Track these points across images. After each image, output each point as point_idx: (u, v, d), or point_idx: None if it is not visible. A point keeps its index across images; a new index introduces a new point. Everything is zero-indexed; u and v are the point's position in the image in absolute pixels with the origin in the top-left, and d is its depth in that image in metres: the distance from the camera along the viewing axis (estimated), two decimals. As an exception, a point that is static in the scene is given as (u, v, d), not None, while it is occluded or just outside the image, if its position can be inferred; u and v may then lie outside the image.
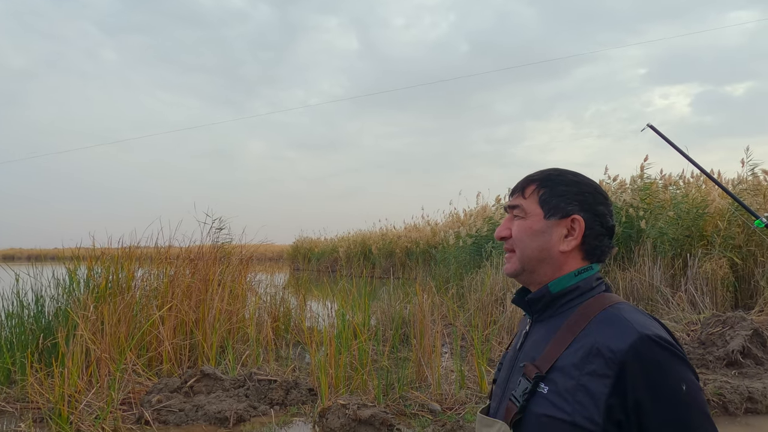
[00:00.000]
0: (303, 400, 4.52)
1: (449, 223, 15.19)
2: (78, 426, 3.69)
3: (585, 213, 1.03)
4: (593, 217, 1.03)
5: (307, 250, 27.57)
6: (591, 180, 1.09)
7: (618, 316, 0.94)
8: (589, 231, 1.03)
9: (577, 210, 1.03)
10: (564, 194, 1.04)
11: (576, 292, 1.02)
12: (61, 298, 5.42)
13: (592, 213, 1.03)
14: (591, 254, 1.04)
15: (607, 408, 0.88)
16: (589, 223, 1.03)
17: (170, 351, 5.04)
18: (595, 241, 1.04)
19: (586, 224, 1.03)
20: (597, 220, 1.04)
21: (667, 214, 8.35)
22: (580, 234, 1.02)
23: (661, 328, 0.94)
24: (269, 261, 24.56)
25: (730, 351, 4.92)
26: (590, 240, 1.04)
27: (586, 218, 1.03)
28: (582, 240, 1.03)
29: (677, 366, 0.89)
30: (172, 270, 5.72)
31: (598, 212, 1.04)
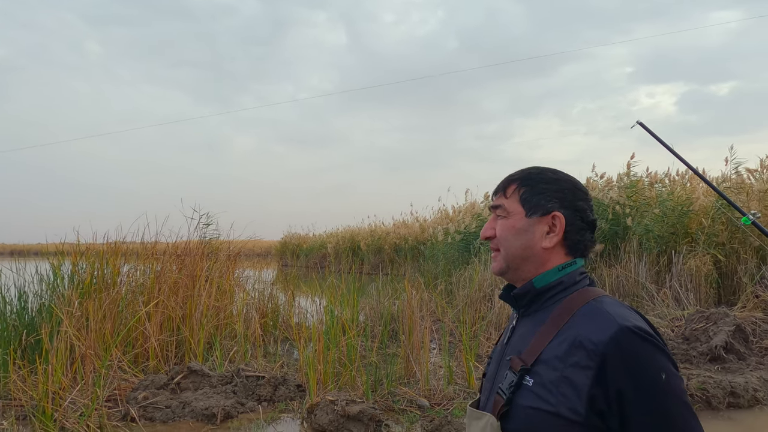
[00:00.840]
0: (291, 397, 4.50)
1: (438, 220, 15.22)
2: (62, 423, 3.64)
3: (565, 209, 1.05)
4: (573, 213, 1.06)
5: (295, 246, 27.46)
6: (570, 177, 1.11)
7: (600, 309, 0.96)
8: (570, 227, 1.05)
9: (558, 207, 1.05)
10: (544, 192, 1.07)
11: (560, 287, 1.03)
12: (44, 294, 5.34)
13: (572, 209, 1.06)
14: (573, 249, 1.07)
15: (589, 398, 0.89)
16: (570, 219, 1.05)
17: (157, 347, 4.99)
18: (577, 236, 1.06)
19: (567, 220, 1.05)
20: (577, 216, 1.06)
21: (653, 211, 8.45)
22: (561, 230, 1.05)
23: (642, 320, 0.96)
24: (257, 257, 24.43)
25: (713, 346, 5.00)
26: (572, 235, 1.06)
27: (567, 214, 1.05)
28: (563, 236, 1.05)
29: (657, 356, 0.91)
30: (158, 266, 5.66)
31: (578, 208, 1.06)
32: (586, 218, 1.07)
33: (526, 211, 1.06)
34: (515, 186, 1.09)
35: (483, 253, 8.93)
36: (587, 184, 9.72)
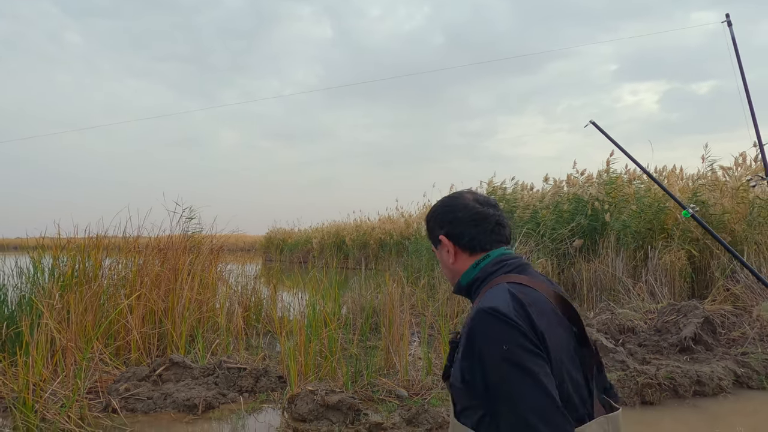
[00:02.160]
0: (272, 388, 4.57)
1: (422, 215, 15.34)
2: (43, 414, 3.67)
3: (443, 229, 1.27)
4: (451, 227, 1.25)
5: (280, 240, 27.42)
6: (446, 198, 1.31)
7: (484, 295, 1.13)
8: (456, 238, 1.25)
9: (440, 231, 1.27)
10: (431, 226, 1.32)
11: (479, 280, 1.22)
12: (24, 287, 5.32)
13: (449, 225, 1.25)
14: (472, 248, 1.24)
15: (461, 370, 1.09)
16: (451, 234, 1.25)
17: (139, 340, 5.01)
18: (466, 239, 1.24)
19: (449, 236, 1.25)
20: (457, 228, 1.24)
21: (630, 207, 8.65)
22: (451, 246, 1.25)
23: (505, 302, 1.06)
24: (242, 251, 24.33)
25: (682, 338, 5.18)
26: (462, 242, 1.24)
27: (446, 232, 1.26)
28: (457, 246, 1.25)
29: (501, 330, 1.03)
30: (140, 259, 5.67)
31: (454, 221, 1.25)
32: (465, 222, 1.24)
33: (434, 246, 1.33)
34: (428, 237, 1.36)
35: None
36: (568, 180, 9.90)
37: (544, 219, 9.23)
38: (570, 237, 8.94)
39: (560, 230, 8.99)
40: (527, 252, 8.30)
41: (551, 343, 1.05)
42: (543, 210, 9.49)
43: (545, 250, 8.73)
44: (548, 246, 8.87)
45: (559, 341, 1.08)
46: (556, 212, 9.39)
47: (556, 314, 1.12)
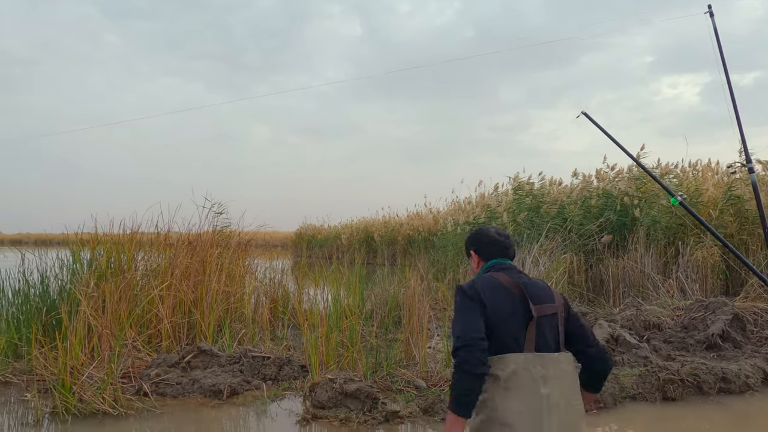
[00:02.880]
0: (295, 376, 4.72)
1: (451, 211, 15.30)
2: (80, 396, 3.90)
3: (474, 247, 2.06)
4: (478, 246, 2.05)
5: (310, 237, 27.79)
6: (478, 228, 2.13)
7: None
8: (479, 252, 2.04)
9: (471, 248, 2.08)
10: (468, 244, 2.12)
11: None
12: (64, 277, 5.63)
13: (477, 245, 2.05)
14: (486, 258, 2.01)
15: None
16: (477, 250, 2.05)
17: (169, 329, 5.25)
18: (485, 253, 2.01)
19: (476, 251, 2.05)
20: (481, 247, 2.03)
21: (661, 202, 8.45)
22: (475, 257, 2.05)
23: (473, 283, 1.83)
24: (273, 247, 24.79)
25: (709, 335, 5.07)
26: (482, 254, 2.02)
27: (475, 249, 2.06)
28: (479, 257, 2.03)
29: (459, 292, 1.82)
30: (171, 252, 5.91)
31: (480, 242, 2.04)
32: (485, 243, 2.01)
33: (468, 256, 2.11)
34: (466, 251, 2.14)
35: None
36: (597, 175, 9.73)
37: (571, 214, 9.11)
38: (598, 233, 8.80)
39: (588, 226, 8.86)
40: (553, 247, 8.22)
41: (491, 304, 1.73)
42: (571, 205, 9.36)
43: (572, 246, 8.62)
44: (575, 242, 8.75)
45: (501, 304, 1.75)
46: (584, 207, 9.25)
47: (505, 290, 1.79)
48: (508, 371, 1.61)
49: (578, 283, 8.33)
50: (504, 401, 1.61)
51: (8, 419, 3.89)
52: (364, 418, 3.78)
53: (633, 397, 4.22)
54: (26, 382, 4.55)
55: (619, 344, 5.14)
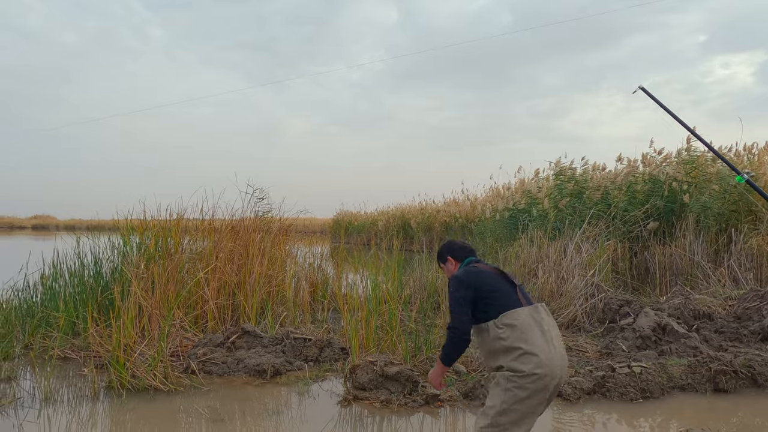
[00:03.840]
0: (335, 358, 4.79)
1: (489, 198, 15.10)
2: (133, 372, 4.09)
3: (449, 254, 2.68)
4: (452, 252, 2.67)
5: (347, 223, 28.01)
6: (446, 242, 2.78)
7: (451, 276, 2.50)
8: (455, 257, 2.65)
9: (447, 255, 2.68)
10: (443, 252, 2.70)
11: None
12: (116, 259, 5.88)
13: (451, 252, 2.67)
14: (460, 259, 2.63)
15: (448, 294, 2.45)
16: (453, 255, 2.66)
17: (214, 310, 5.41)
18: (458, 256, 2.64)
19: (452, 256, 2.66)
20: (455, 252, 2.66)
21: (713, 188, 8.07)
22: (452, 261, 2.65)
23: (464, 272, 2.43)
24: (311, 234, 25.14)
25: (765, 325, 4.84)
26: (457, 257, 2.64)
27: (451, 255, 2.67)
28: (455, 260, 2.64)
29: (453, 279, 2.41)
30: (215, 236, 6.08)
31: (453, 249, 2.67)
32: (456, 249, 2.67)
33: (444, 264, 2.70)
34: (438, 261, 2.76)
35: (531, 229, 8.87)
36: (643, 160, 9.37)
37: (615, 200, 8.82)
38: (644, 219, 8.50)
39: (633, 212, 8.57)
40: (596, 234, 7.99)
41: (482, 282, 2.33)
42: (615, 191, 9.06)
43: (616, 233, 8.36)
44: (619, 228, 8.48)
45: (488, 280, 2.35)
46: (629, 193, 8.94)
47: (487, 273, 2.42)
48: (521, 320, 2.19)
49: (622, 270, 8.09)
50: (526, 339, 2.16)
51: (69, 392, 4.12)
52: (405, 400, 3.81)
53: (682, 388, 4.09)
54: (83, 357, 4.80)
55: (666, 333, 4.98)
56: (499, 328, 2.18)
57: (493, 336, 2.19)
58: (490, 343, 2.23)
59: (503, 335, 2.16)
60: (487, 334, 2.22)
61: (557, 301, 6.53)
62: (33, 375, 4.52)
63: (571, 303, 6.37)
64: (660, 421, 3.64)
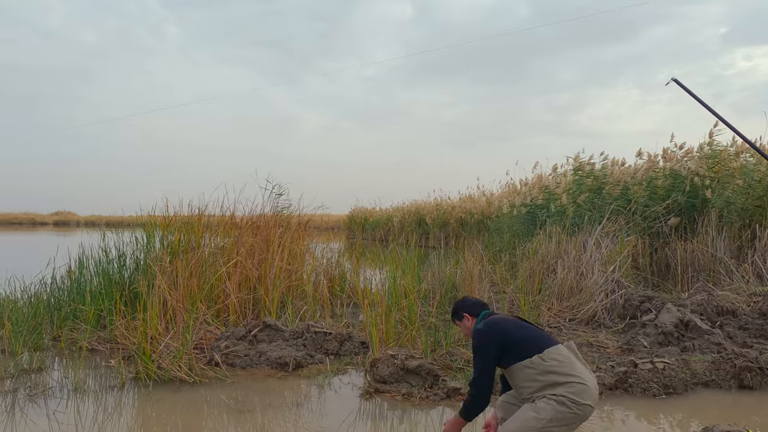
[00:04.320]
0: (356, 352, 4.84)
1: (505, 194, 15.01)
2: (159, 363, 4.18)
3: (465, 311, 2.82)
4: (467, 309, 2.82)
5: (362, 219, 28.08)
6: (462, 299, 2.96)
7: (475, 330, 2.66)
8: (471, 313, 2.79)
9: (463, 312, 2.82)
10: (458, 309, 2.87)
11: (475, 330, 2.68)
12: (140, 254, 6.00)
13: (466, 309, 2.82)
14: (476, 314, 2.76)
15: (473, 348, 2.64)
16: (469, 312, 2.80)
17: (236, 304, 5.50)
18: (473, 312, 2.78)
19: (468, 313, 2.80)
20: (469, 309, 2.80)
21: (736, 182, 7.94)
22: (469, 317, 2.79)
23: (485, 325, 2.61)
24: (326, 230, 25.25)
25: (792, 322, 4.75)
26: (472, 313, 2.78)
27: (467, 312, 2.81)
28: (471, 316, 2.77)
29: (478, 333, 2.59)
30: (236, 231, 6.17)
31: (467, 306, 2.83)
32: (469, 305, 2.83)
33: (459, 320, 2.85)
34: (453, 318, 2.92)
35: (549, 225, 8.81)
36: (664, 154, 9.24)
37: (635, 196, 8.72)
38: (665, 215, 8.39)
39: (654, 207, 8.46)
40: (616, 230, 7.92)
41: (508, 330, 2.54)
42: (635, 186, 8.96)
43: (636, 228, 8.27)
44: (639, 224, 8.39)
45: (512, 327, 2.57)
46: (650, 188, 8.83)
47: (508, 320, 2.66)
48: (564, 354, 2.42)
49: (642, 266, 8.00)
50: (575, 370, 2.37)
51: (97, 382, 4.23)
52: (426, 394, 3.84)
53: (705, 384, 4.05)
54: (109, 349, 4.91)
55: (689, 329, 4.93)
56: (546, 361, 2.34)
57: (541, 369, 2.34)
58: (536, 376, 2.36)
59: (553, 368, 2.33)
60: (532, 369, 2.36)
61: (577, 297, 6.49)
62: (62, 366, 4.65)
63: (591, 299, 6.33)
64: (684, 417, 3.61)
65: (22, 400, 3.78)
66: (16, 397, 3.82)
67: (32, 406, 3.68)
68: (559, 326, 5.98)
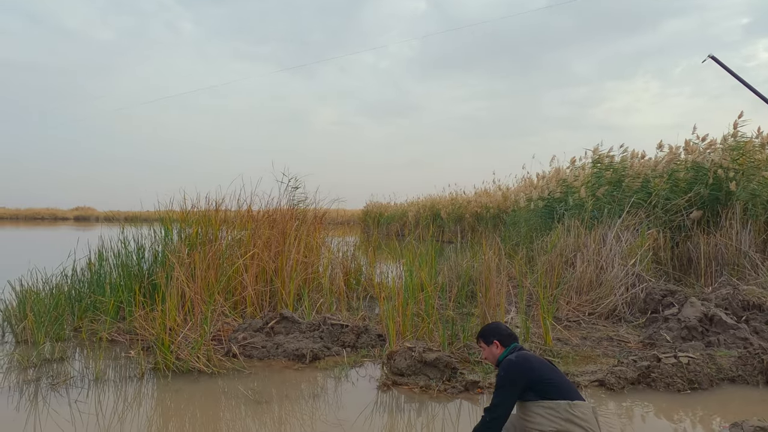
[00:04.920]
0: (372, 344, 4.82)
1: (521, 188, 14.84)
2: (177, 354, 4.21)
3: (497, 338, 2.77)
4: (500, 337, 2.77)
5: (377, 214, 28.07)
6: (495, 323, 2.93)
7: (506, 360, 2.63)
8: (501, 341, 2.75)
9: (494, 338, 2.78)
10: (488, 334, 2.82)
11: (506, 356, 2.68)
12: (158, 247, 6.05)
13: (499, 336, 2.77)
14: (506, 344, 2.74)
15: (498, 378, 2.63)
16: (500, 340, 2.76)
17: (253, 296, 5.51)
18: (505, 341, 2.74)
19: (499, 341, 2.76)
20: (502, 338, 2.75)
21: (762, 174, 7.72)
22: (498, 344, 2.76)
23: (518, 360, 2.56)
24: (341, 224, 25.31)
25: (821, 316, 4.61)
26: (503, 342, 2.75)
27: (498, 339, 2.77)
28: (500, 344, 2.75)
29: (509, 364, 2.57)
30: (253, 224, 6.18)
31: (501, 334, 2.77)
32: (504, 334, 2.77)
33: (487, 345, 2.81)
34: (481, 339, 2.86)
35: (567, 218, 8.69)
36: (686, 146, 9.04)
37: (656, 188, 8.54)
38: (686, 208, 8.21)
39: (675, 200, 8.28)
40: (636, 223, 7.77)
41: (535, 365, 2.54)
42: (656, 179, 8.77)
43: (657, 222, 8.10)
44: (661, 217, 8.22)
45: (542, 367, 2.56)
46: (671, 181, 8.64)
47: (538, 359, 2.64)
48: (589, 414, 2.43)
49: (664, 260, 7.84)
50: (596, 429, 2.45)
51: (117, 372, 4.27)
52: (444, 386, 3.80)
53: (731, 380, 3.95)
54: (129, 340, 4.97)
55: (713, 324, 4.81)
56: (573, 411, 2.39)
57: (566, 417, 2.39)
58: (557, 419, 2.40)
59: (577, 421, 2.38)
60: (555, 413, 2.41)
61: (596, 290, 6.39)
62: (83, 356, 4.71)
63: (611, 293, 6.22)
64: (709, 413, 3.52)
65: (44, 389, 3.83)
66: (39, 387, 3.88)
67: (54, 395, 3.73)
68: (578, 320, 5.90)
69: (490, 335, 2.77)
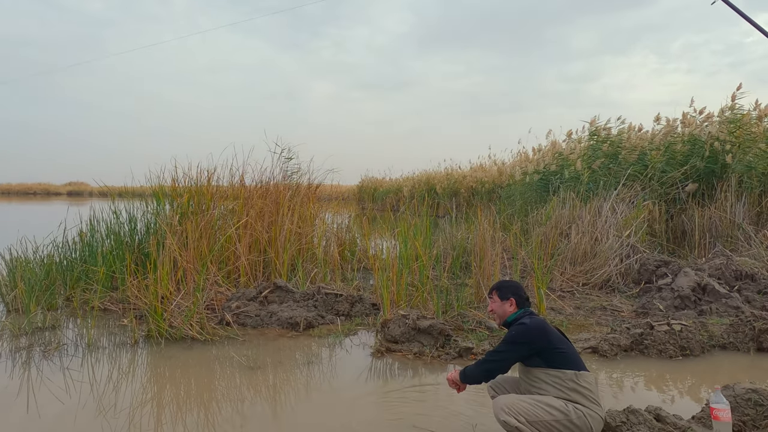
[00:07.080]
0: (366, 313, 4.82)
1: (517, 162, 14.78)
2: (170, 322, 4.19)
3: (514, 296, 2.65)
4: (517, 296, 2.65)
5: (372, 189, 27.97)
6: (514, 283, 2.73)
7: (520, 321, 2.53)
8: (518, 301, 2.64)
9: (510, 295, 2.66)
10: (505, 290, 2.68)
11: (515, 321, 2.56)
12: (149, 217, 5.98)
13: (516, 295, 2.66)
14: (520, 306, 2.64)
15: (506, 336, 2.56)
16: (517, 299, 2.65)
17: (246, 266, 5.47)
18: (520, 302, 2.64)
19: (516, 299, 2.65)
20: (520, 298, 2.65)
21: (758, 146, 7.69)
22: (514, 302, 2.65)
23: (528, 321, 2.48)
24: (336, 200, 25.22)
25: (813, 285, 4.63)
26: (518, 302, 2.64)
27: (515, 297, 2.65)
28: (516, 303, 2.64)
29: (522, 328, 2.46)
30: (246, 193, 6.10)
31: (519, 294, 2.66)
32: (521, 296, 2.66)
33: (500, 299, 2.68)
34: (496, 292, 2.71)
35: (562, 191, 8.66)
36: (683, 119, 8.97)
37: (653, 161, 8.51)
38: (682, 180, 8.19)
39: (671, 173, 8.26)
40: (632, 195, 7.76)
41: (550, 334, 2.45)
42: (652, 152, 8.73)
43: (653, 194, 8.09)
44: (656, 190, 8.20)
45: (553, 333, 2.48)
46: (668, 153, 8.60)
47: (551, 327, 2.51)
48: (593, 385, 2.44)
49: (658, 232, 7.86)
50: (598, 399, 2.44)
51: (110, 340, 4.25)
52: (437, 353, 3.81)
53: (723, 347, 3.98)
54: (122, 309, 4.94)
55: (706, 293, 4.83)
56: (579, 381, 2.39)
57: (571, 386, 2.38)
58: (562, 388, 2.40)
59: (583, 391, 2.38)
60: (561, 381, 2.40)
61: (590, 261, 6.40)
62: (75, 325, 4.68)
63: (606, 264, 6.23)
64: (700, 377, 3.55)
65: (36, 356, 3.81)
66: (31, 354, 3.85)
67: (47, 362, 3.71)
68: (572, 290, 5.92)
69: (509, 291, 2.67)
